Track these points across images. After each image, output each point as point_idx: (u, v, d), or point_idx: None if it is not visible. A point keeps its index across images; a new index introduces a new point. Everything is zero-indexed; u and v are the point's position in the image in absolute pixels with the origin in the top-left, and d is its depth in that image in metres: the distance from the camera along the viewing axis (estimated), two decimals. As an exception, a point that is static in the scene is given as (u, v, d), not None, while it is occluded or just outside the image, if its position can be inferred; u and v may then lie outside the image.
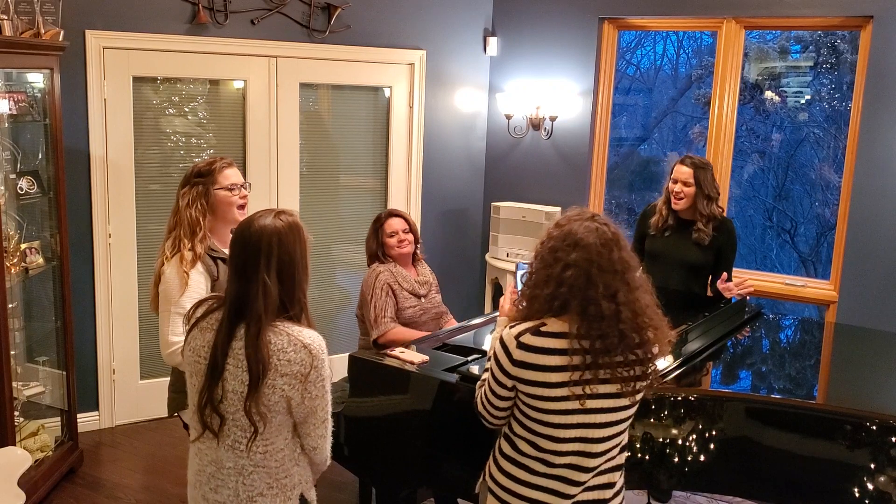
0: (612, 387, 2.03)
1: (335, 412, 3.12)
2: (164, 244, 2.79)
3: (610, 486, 2.17)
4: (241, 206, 2.88)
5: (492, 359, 2.11)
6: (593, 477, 2.13)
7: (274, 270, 2.00)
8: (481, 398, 2.18)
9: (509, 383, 2.06)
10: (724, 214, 3.83)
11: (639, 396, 2.11)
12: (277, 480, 2.09)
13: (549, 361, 2.00)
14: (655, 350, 2.08)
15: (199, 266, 2.71)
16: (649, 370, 2.07)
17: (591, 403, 2.02)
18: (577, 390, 1.99)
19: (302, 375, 2.00)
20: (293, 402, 2.03)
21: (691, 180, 3.71)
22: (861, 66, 4.46)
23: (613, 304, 2.00)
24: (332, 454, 3.19)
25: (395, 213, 3.77)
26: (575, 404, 2.01)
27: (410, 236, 3.72)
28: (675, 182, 3.75)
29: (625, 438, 2.17)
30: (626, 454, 2.21)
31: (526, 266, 2.46)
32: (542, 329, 2.02)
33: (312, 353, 2.01)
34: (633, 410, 2.13)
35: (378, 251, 3.71)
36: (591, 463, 2.09)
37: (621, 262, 2.03)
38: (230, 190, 2.83)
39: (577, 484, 2.10)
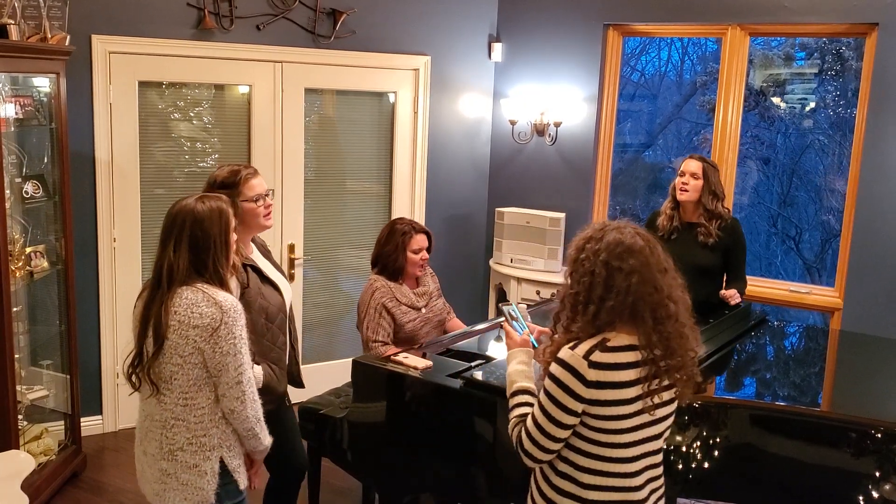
0: (671, 392, 2.00)
1: (339, 417, 3.14)
2: None
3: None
4: (266, 215, 2.90)
5: (549, 387, 1.95)
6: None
7: (186, 244, 2.30)
8: (528, 434, 1.99)
9: (579, 408, 1.92)
10: (731, 216, 3.81)
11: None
12: (196, 437, 2.32)
13: (625, 377, 1.92)
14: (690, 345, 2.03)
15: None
16: (688, 366, 2.03)
17: (657, 412, 1.99)
18: (649, 401, 1.95)
19: (212, 329, 2.25)
20: (206, 356, 2.27)
21: (699, 172, 3.70)
22: (866, 72, 4.45)
23: (672, 303, 1.95)
24: (335, 459, 3.23)
25: (422, 230, 3.62)
26: (645, 417, 1.95)
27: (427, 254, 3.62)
28: (683, 174, 3.74)
29: None
30: None
31: (517, 308, 2.34)
32: (609, 344, 1.93)
33: (223, 309, 2.27)
34: None
35: (397, 265, 3.54)
36: (658, 472, 2.08)
37: (666, 260, 1.99)
38: (255, 202, 2.85)
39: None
